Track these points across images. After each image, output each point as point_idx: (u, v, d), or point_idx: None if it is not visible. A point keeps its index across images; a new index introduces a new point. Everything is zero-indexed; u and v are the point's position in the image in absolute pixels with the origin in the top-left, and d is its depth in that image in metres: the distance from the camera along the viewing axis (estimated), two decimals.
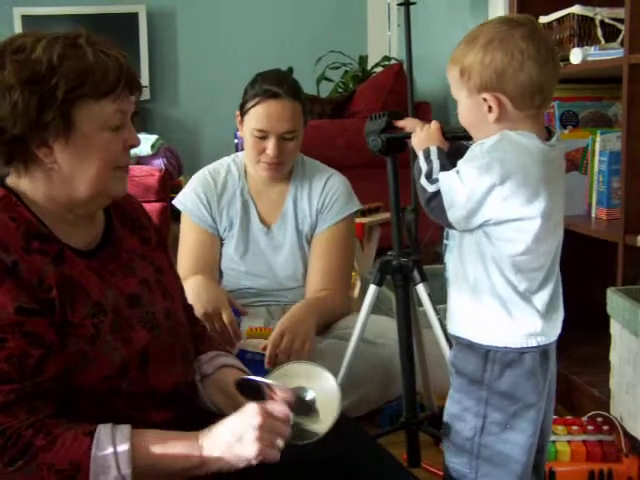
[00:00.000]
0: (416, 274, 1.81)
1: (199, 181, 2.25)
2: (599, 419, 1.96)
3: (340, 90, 4.97)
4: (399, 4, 2.10)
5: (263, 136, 2.10)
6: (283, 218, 2.23)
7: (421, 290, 1.82)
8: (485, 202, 1.27)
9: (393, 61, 4.81)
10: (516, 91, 1.28)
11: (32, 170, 1.20)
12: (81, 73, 1.15)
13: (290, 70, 2.25)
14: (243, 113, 2.15)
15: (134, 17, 5.24)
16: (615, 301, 2.01)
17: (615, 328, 2.05)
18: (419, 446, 1.87)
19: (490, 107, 1.30)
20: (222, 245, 2.25)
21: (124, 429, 1.13)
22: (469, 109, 1.34)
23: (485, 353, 1.35)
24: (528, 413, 1.35)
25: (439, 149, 1.38)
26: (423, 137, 1.42)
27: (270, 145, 2.10)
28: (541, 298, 1.34)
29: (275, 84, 2.10)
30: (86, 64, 1.16)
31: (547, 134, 1.34)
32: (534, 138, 1.30)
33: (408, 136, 1.51)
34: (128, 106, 1.23)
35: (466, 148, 1.36)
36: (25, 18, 5.12)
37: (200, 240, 2.22)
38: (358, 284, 2.78)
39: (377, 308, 2.31)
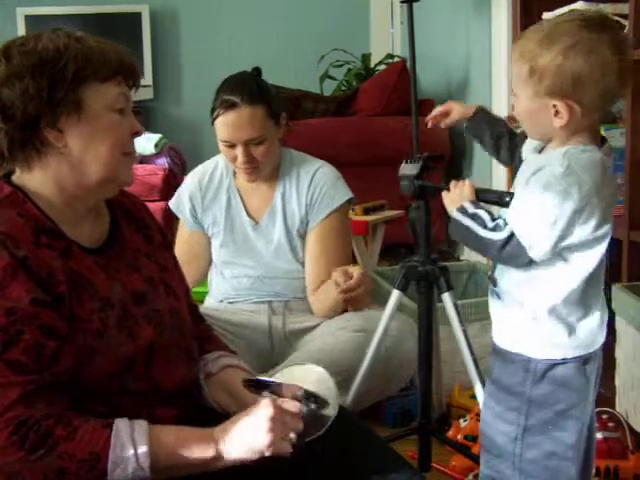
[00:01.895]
0: (443, 282, 1.79)
1: (186, 186, 2.31)
2: (605, 416, 1.95)
3: (343, 88, 4.97)
4: (402, 1, 2.09)
5: (231, 145, 2.13)
6: (271, 215, 2.23)
7: (446, 299, 1.80)
8: (571, 229, 1.23)
9: (396, 59, 4.81)
10: (591, 101, 1.23)
11: (43, 157, 1.21)
12: (85, 56, 1.20)
13: (257, 70, 2.22)
14: (212, 122, 2.18)
15: (137, 17, 5.24)
16: (620, 298, 2.01)
17: (620, 324, 2.05)
18: (431, 450, 1.87)
19: (557, 112, 1.24)
20: (211, 239, 2.29)
21: (141, 422, 1.15)
22: (532, 110, 1.28)
23: (527, 364, 1.32)
24: (569, 419, 1.32)
25: (473, 202, 1.35)
26: (456, 196, 1.38)
27: (238, 153, 2.13)
28: (597, 307, 1.32)
29: (233, 93, 2.11)
30: (89, 50, 1.21)
31: (600, 139, 1.31)
32: (595, 151, 1.27)
33: (441, 188, 1.47)
34: (129, 94, 1.27)
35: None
36: (28, 18, 5.12)
37: (188, 237, 2.30)
38: None
39: (379, 303, 2.32)
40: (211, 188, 2.27)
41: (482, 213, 1.32)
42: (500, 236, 1.28)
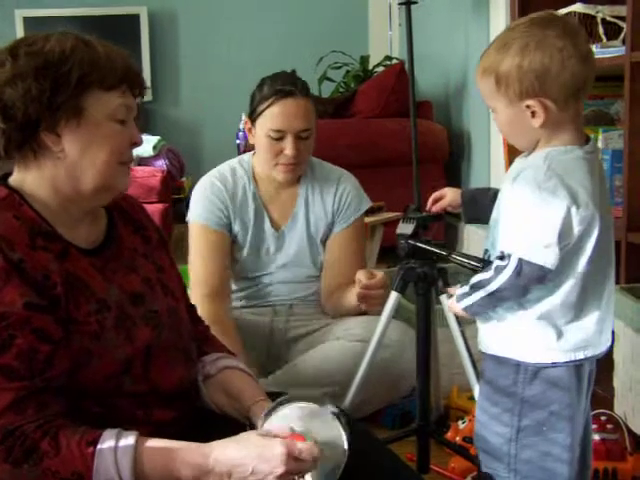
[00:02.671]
0: (441, 283, 1.79)
1: (206, 188, 2.19)
2: (603, 417, 1.95)
3: (342, 90, 4.97)
4: (400, 3, 2.09)
5: (280, 137, 2.08)
6: (293, 220, 2.21)
7: (445, 301, 1.79)
8: (570, 228, 1.22)
9: (394, 61, 4.81)
10: (561, 92, 1.24)
11: (40, 160, 1.21)
12: (92, 63, 1.19)
13: (293, 72, 2.24)
14: (255, 118, 2.12)
15: (135, 18, 5.24)
16: (618, 299, 2.01)
17: (618, 326, 2.05)
18: (430, 452, 1.87)
19: (534, 112, 1.25)
20: (233, 249, 2.21)
21: (129, 438, 1.11)
22: (511, 118, 1.28)
23: (518, 366, 1.32)
24: (562, 420, 1.32)
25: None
26: (453, 301, 1.37)
27: (288, 145, 2.08)
28: (593, 310, 1.31)
29: (288, 83, 2.10)
30: (96, 56, 1.20)
31: (585, 137, 1.31)
32: (576, 150, 1.27)
33: (433, 252, 1.49)
34: (133, 104, 1.26)
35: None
36: (27, 20, 5.13)
37: (210, 243, 2.16)
38: None
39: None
40: (239, 192, 2.19)
41: (475, 278, 1.31)
42: (509, 271, 1.25)
